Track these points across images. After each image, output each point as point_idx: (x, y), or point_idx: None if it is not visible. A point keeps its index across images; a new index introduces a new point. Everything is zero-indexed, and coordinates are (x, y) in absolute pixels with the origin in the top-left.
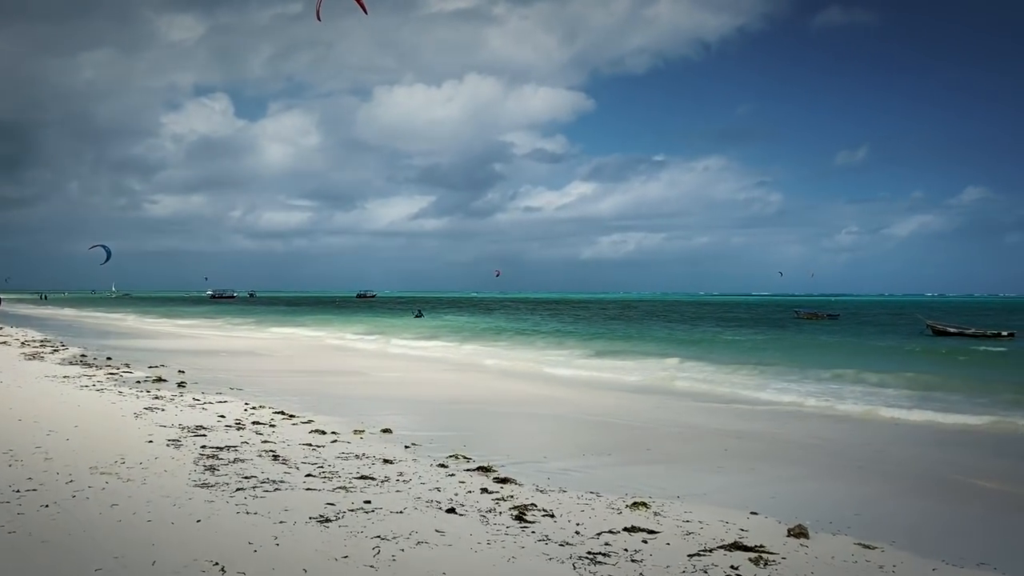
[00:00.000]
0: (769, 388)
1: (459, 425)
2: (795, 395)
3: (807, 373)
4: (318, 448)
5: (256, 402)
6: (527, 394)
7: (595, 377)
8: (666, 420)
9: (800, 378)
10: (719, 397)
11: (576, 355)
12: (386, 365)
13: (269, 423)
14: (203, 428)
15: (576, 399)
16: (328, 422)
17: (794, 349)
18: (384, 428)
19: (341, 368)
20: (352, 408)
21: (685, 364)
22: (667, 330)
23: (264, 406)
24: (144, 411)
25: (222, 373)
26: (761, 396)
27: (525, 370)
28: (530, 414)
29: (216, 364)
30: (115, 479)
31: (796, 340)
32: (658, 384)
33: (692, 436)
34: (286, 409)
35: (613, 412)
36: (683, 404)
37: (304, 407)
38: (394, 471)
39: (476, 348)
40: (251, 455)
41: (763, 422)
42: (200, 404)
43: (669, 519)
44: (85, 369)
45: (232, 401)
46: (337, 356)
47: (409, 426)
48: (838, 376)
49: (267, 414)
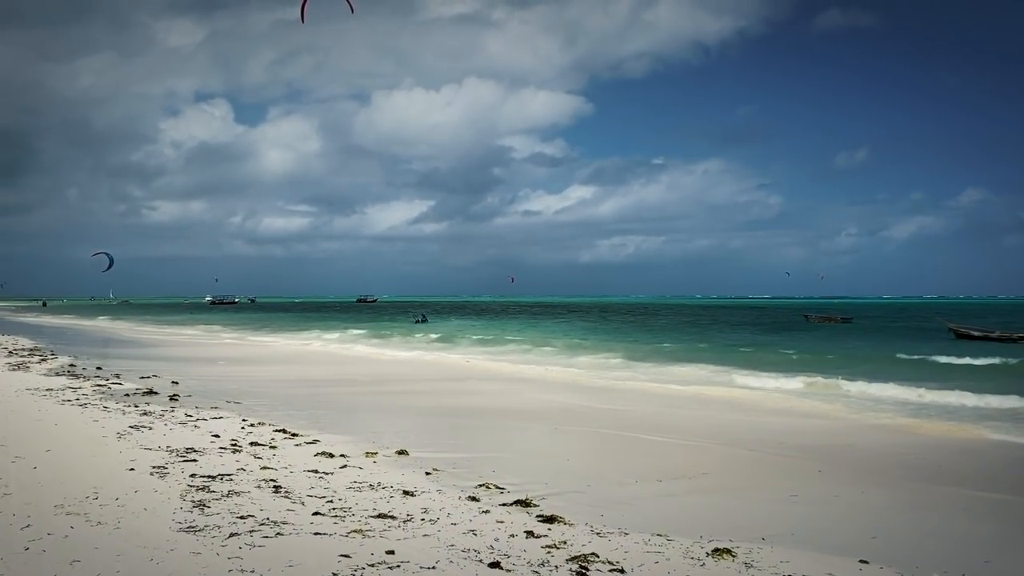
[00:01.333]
0: (838, 398)
1: (483, 444)
2: (877, 406)
3: (871, 383)
4: (326, 476)
5: (255, 418)
6: (558, 405)
7: (632, 387)
8: (722, 435)
9: (869, 389)
10: (779, 409)
11: (605, 361)
12: (396, 373)
13: (269, 444)
14: (194, 451)
15: (614, 412)
16: (335, 442)
17: (842, 355)
18: (399, 450)
19: (347, 377)
20: (361, 424)
21: (735, 370)
22: (698, 334)
23: (264, 423)
24: (129, 430)
25: (219, 383)
26: (822, 407)
27: (555, 379)
28: (565, 430)
29: (213, 373)
30: (83, 522)
31: (830, 346)
32: (714, 395)
33: (758, 456)
34: (288, 426)
35: (659, 427)
36: (742, 417)
37: (308, 423)
38: (417, 506)
39: (490, 352)
40: (248, 486)
41: (840, 437)
42: (193, 421)
43: (765, 572)
44: (71, 381)
45: (228, 417)
46: (341, 364)
47: (427, 445)
48: (908, 385)
49: (267, 432)
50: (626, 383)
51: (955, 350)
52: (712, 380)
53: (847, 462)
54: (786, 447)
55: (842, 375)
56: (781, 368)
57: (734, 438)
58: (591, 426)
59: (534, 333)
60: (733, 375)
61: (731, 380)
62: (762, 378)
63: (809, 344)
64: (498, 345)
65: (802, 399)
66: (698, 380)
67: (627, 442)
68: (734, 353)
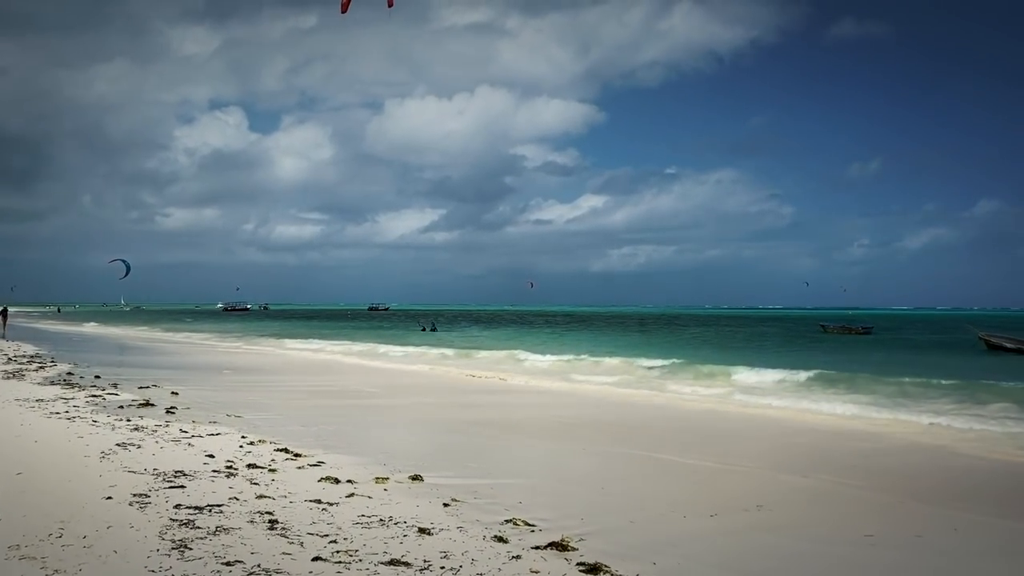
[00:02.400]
0: (901, 407)
1: (506, 467)
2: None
3: (939, 397)
4: (329, 508)
5: (255, 434)
6: (585, 422)
7: (665, 403)
8: (774, 460)
9: (941, 404)
10: (837, 431)
11: (632, 375)
12: (408, 385)
13: (268, 466)
14: (183, 475)
15: (649, 430)
16: (342, 464)
17: (879, 365)
18: (413, 475)
19: (356, 388)
20: (371, 442)
21: (806, 382)
22: (723, 344)
23: (264, 440)
24: (115, 449)
25: (221, 394)
26: (888, 429)
27: (581, 393)
28: (596, 452)
29: (217, 383)
30: (37, 570)
31: (867, 357)
32: (755, 413)
33: (818, 486)
34: (291, 445)
35: (701, 449)
36: (793, 439)
37: (313, 441)
38: (435, 549)
39: (509, 362)
40: (240, 520)
41: (916, 465)
42: (187, 438)
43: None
44: (65, 390)
45: (227, 433)
46: (351, 374)
47: (444, 468)
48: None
49: (267, 452)
50: (658, 398)
51: (1004, 366)
52: (749, 395)
53: (929, 495)
54: (851, 475)
55: (890, 390)
56: (829, 383)
57: (788, 463)
58: (624, 446)
59: (556, 343)
60: (771, 390)
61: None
62: (805, 395)
63: (847, 357)
64: (517, 355)
65: (860, 419)
66: (735, 396)
67: (667, 466)
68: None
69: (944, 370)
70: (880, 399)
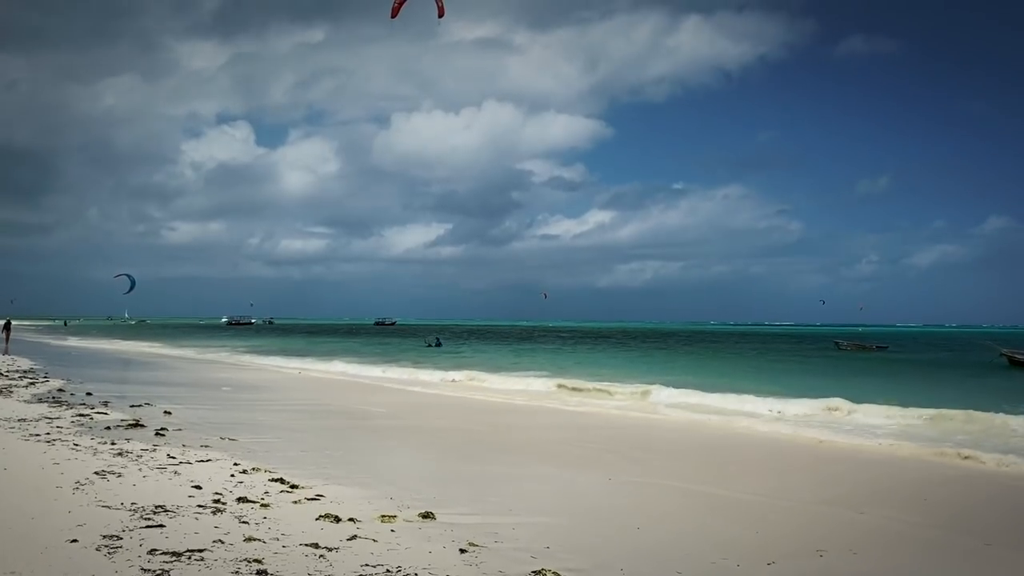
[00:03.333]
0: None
1: (527, 501)
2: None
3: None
4: (328, 554)
5: (250, 461)
6: (609, 448)
7: (694, 425)
8: (826, 493)
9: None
10: (893, 460)
11: (654, 396)
12: (417, 405)
13: (260, 500)
14: (164, 510)
15: (680, 457)
16: (344, 497)
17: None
18: (424, 512)
19: (361, 408)
20: (376, 470)
21: (848, 403)
22: (743, 361)
23: (258, 468)
24: (92, 479)
25: (217, 413)
26: (960, 460)
27: (604, 415)
28: (624, 482)
29: (214, 401)
30: None
31: (892, 377)
32: (799, 439)
33: (882, 525)
34: (287, 474)
35: (742, 481)
36: (847, 469)
37: (313, 470)
38: None
39: (521, 382)
40: (224, 570)
41: (1001, 498)
42: (174, 465)
43: None
44: (52, 408)
45: (218, 459)
46: (356, 393)
47: (457, 503)
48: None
49: (260, 482)
50: (681, 419)
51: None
52: (777, 418)
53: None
54: (910, 510)
55: (926, 413)
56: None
57: (837, 495)
58: (656, 476)
59: (570, 361)
60: (803, 413)
61: (806, 419)
62: (834, 418)
63: (870, 378)
64: (529, 374)
65: (901, 446)
66: (765, 419)
67: (709, 501)
68: (799, 383)
69: (976, 390)
70: (916, 422)
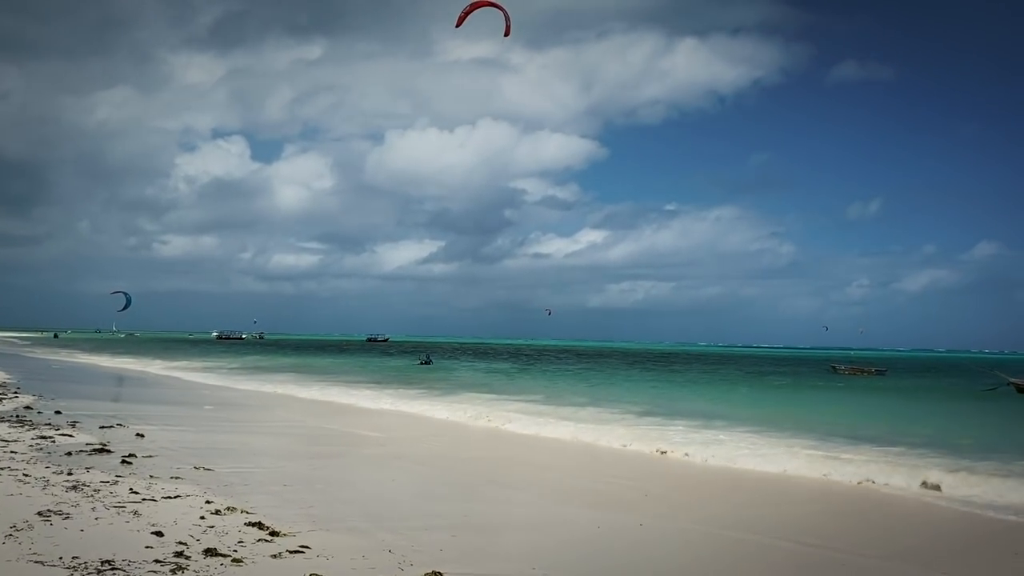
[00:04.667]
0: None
1: (550, 554)
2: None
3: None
4: None
5: (224, 498)
6: (632, 486)
7: (724, 466)
8: (882, 545)
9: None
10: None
11: (673, 429)
12: (417, 436)
13: (232, 553)
14: (112, 567)
15: (719, 502)
16: (334, 549)
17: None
18: (431, 572)
19: (356, 435)
20: (372, 513)
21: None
22: (750, 388)
23: (234, 508)
24: (35, 520)
25: (195, 437)
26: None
27: (622, 451)
28: (661, 528)
29: (194, 422)
30: None
31: (909, 407)
32: (809, 482)
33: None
34: (268, 515)
35: (780, 530)
36: (880, 515)
37: (297, 510)
38: None
39: (523, 411)
40: None
41: None
42: (136, 502)
43: None
44: (13, 429)
45: (189, 495)
46: (349, 417)
47: (470, 557)
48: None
49: (235, 526)
50: (713, 460)
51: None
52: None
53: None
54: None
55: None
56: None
57: (893, 547)
58: (696, 520)
59: (571, 387)
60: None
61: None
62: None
63: (883, 407)
64: (529, 402)
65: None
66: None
67: (765, 553)
68: (815, 416)
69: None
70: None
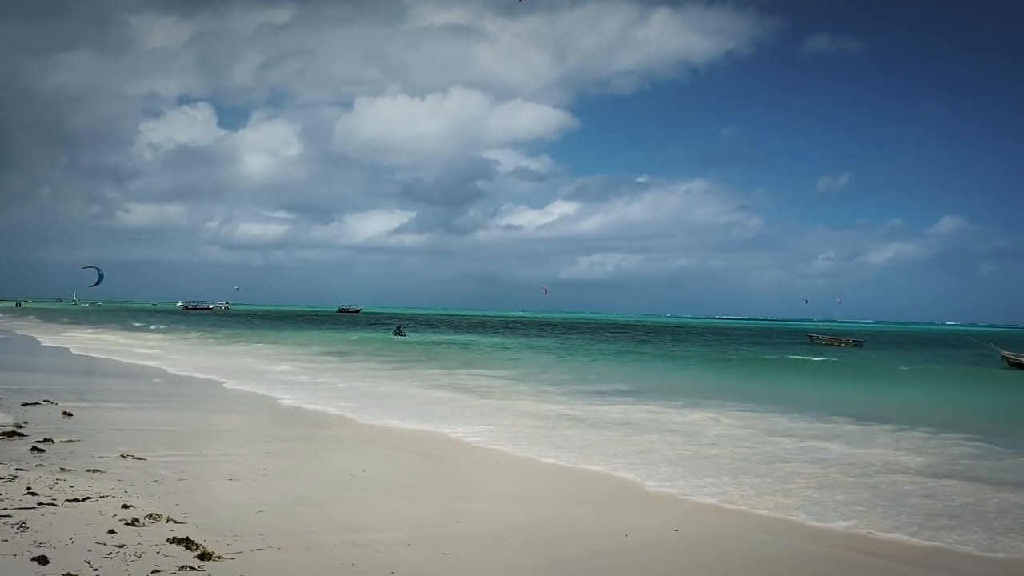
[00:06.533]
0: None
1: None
2: None
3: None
4: None
5: (148, 499)
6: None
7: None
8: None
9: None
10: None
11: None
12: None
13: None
14: None
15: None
16: (285, 569)
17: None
18: None
19: (321, 412)
20: (344, 519)
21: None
22: (731, 360)
23: (158, 516)
24: None
25: (137, 414)
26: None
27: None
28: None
29: (138, 397)
30: None
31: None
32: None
33: None
34: (200, 528)
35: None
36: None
37: (242, 517)
38: None
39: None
40: None
41: None
42: (30, 506)
43: None
44: None
45: (103, 496)
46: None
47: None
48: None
49: (153, 544)
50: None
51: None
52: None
53: None
54: None
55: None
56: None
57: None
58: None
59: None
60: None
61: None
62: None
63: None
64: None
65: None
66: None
67: None
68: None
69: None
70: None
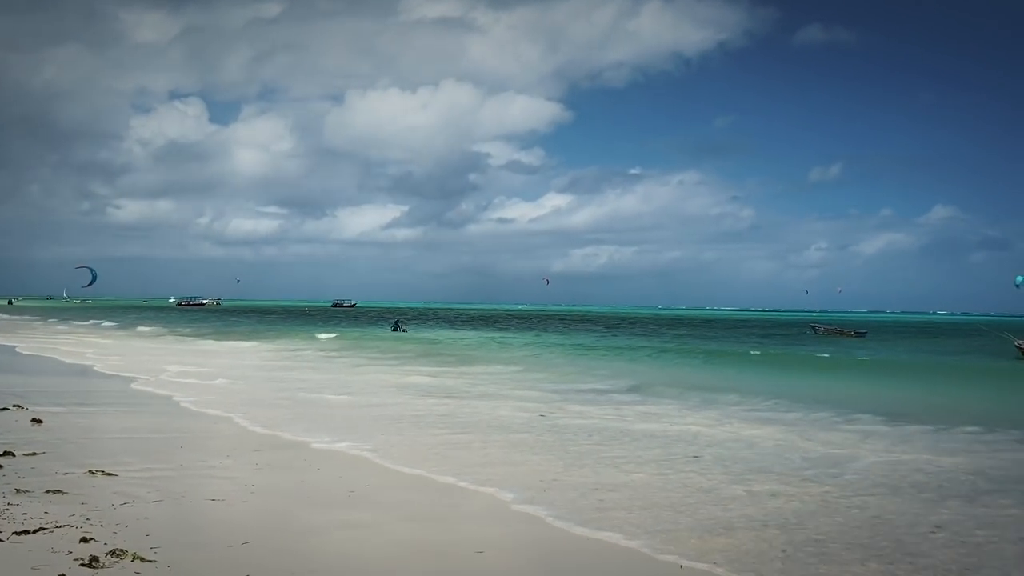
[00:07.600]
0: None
1: None
2: None
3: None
4: None
5: (114, 530)
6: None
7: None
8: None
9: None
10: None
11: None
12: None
13: None
14: None
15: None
16: None
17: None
18: None
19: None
20: (354, 567)
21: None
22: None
23: (122, 553)
24: None
25: (116, 420)
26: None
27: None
28: None
29: (117, 400)
30: None
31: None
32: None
33: None
34: (167, 573)
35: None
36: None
37: (224, 556)
38: None
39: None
40: None
41: None
42: None
43: None
44: None
45: (59, 527)
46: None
47: None
48: None
49: None
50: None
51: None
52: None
53: None
54: None
55: None
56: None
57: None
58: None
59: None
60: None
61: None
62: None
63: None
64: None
65: None
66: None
67: None
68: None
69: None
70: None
